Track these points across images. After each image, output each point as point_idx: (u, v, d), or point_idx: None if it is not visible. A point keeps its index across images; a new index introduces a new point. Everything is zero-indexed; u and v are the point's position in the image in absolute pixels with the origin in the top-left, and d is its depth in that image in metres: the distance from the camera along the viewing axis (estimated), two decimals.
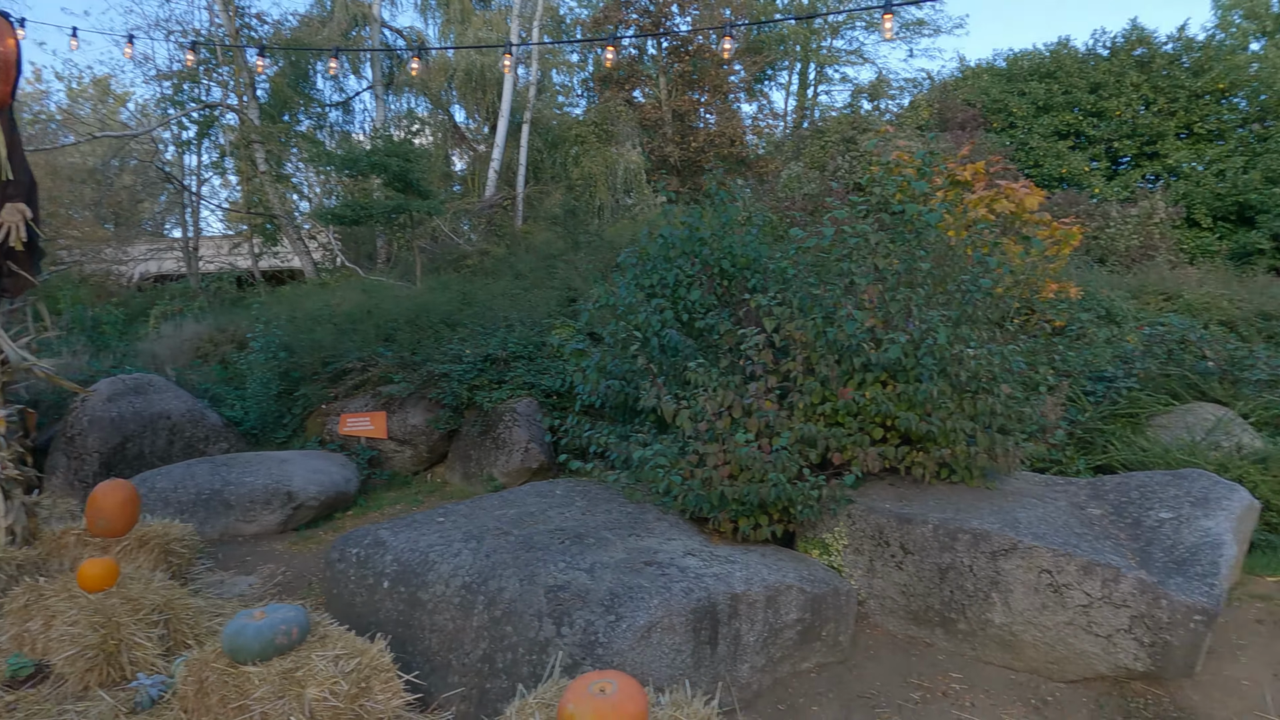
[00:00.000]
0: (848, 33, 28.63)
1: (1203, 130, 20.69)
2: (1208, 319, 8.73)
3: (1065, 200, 16.27)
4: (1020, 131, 21.45)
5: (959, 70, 25.49)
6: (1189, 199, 19.91)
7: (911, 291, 4.83)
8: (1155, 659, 3.65)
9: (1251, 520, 4.70)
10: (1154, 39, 21.76)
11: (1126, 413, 6.44)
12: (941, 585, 4.12)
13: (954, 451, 4.64)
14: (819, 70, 28.04)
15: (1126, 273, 13.23)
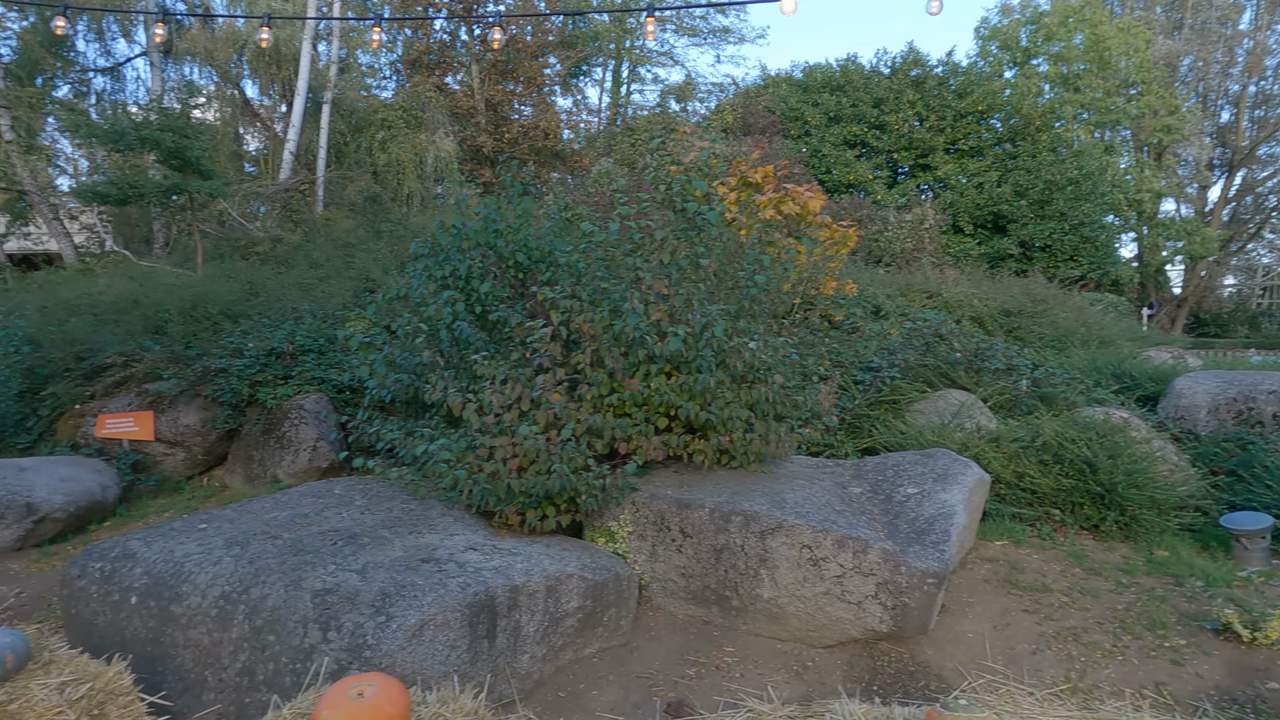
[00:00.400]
0: (659, 34, 29.39)
1: (966, 147, 23.15)
2: (961, 315, 9.82)
3: (851, 205, 17.64)
4: (814, 139, 22.99)
5: (761, 78, 26.95)
6: (955, 208, 22.24)
7: (694, 286, 5.05)
8: (896, 620, 4.05)
9: (983, 492, 5.33)
10: (927, 62, 24.06)
11: (890, 399, 7.10)
12: (717, 565, 4.35)
13: (732, 438, 4.91)
14: (632, 69, 28.61)
15: (899, 273, 14.50)
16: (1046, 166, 22.06)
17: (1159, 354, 9.36)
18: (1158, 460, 5.99)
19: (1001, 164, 22.83)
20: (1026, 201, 21.67)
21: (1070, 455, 5.82)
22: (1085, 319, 10.71)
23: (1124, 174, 27.00)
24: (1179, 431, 6.83)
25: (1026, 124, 23.24)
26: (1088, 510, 5.72)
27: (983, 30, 28.09)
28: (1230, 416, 6.71)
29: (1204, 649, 4.09)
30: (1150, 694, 3.80)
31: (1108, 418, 6.29)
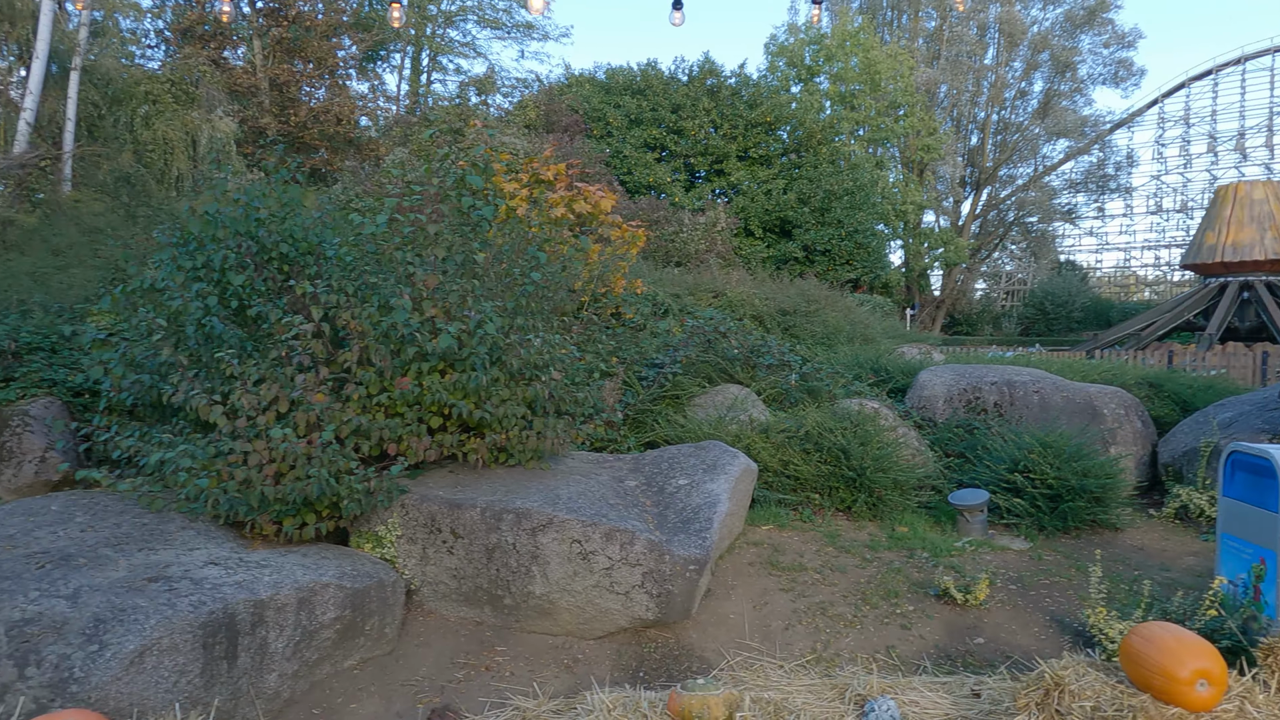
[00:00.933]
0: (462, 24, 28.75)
1: (757, 155, 24.56)
2: (743, 313, 10.39)
3: (649, 206, 18.15)
4: (616, 140, 23.44)
5: (565, 77, 27.11)
6: (746, 212, 23.54)
7: (470, 283, 4.96)
8: (662, 607, 4.21)
9: (750, 481, 5.65)
10: (721, 72, 25.27)
11: (672, 395, 7.37)
12: (489, 564, 4.31)
13: (509, 436, 4.88)
14: (433, 57, 27.77)
15: (689, 272, 15.09)
16: (826, 177, 23.90)
17: (911, 350, 10.42)
18: (902, 446, 6.65)
19: (788, 173, 24.49)
20: (809, 209, 23.37)
21: (828, 444, 6.32)
22: (852, 318, 11.71)
23: (892, 187, 29.87)
24: (921, 419, 7.63)
25: (809, 137, 25.05)
26: (842, 493, 6.24)
27: (772, 46, 29.96)
28: (962, 405, 7.58)
29: (927, 613, 4.59)
30: (882, 657, 4.20)
31: (862, 408, 6.90)
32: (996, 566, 5.25)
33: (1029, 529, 5.98)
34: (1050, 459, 6.07)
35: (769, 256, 23.40)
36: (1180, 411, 8.29)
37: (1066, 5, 34.66)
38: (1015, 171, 37.53)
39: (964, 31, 34.35)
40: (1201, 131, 50.05)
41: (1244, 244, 21.13)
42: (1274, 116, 48.87)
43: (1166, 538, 6.10)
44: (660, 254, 17.40)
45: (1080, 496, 5.92)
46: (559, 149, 18.86)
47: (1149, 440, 7.48)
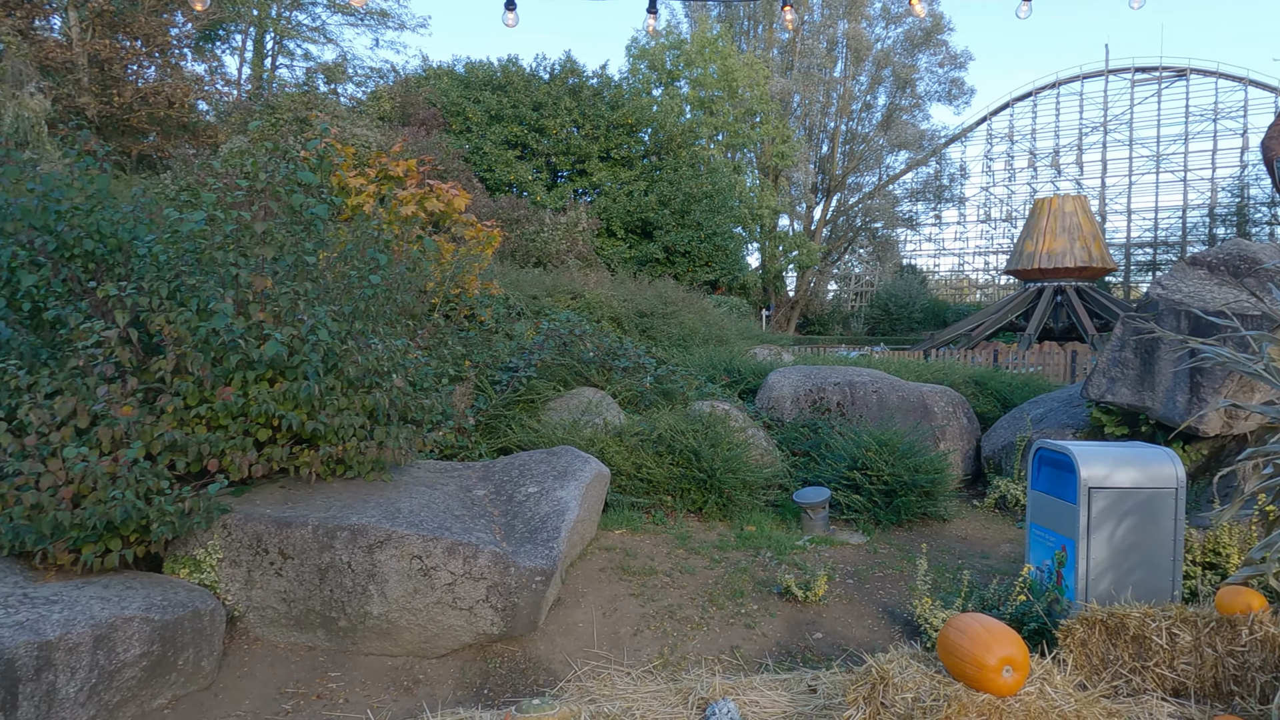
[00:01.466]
0: (311, 8, 27.30)
1: (618, 156, 24.70)
2: (600, 315, 10.39)
3: (509, 205, 17.88)
4: (475, 137, 22.94)
5: (422, 69, 26.30)
6: (608, 213, 23.64)
7: (301, 285, 4.67)
8: (507, 621, 4.11)
9: (603, 486, 5.63)
10: (583, 72, 25.25)
11: (527, 399, 7.25)
12: (322, 586, 4.06)
13: (346, 447, 4.62)
14: (279, 41, 26.21)
15: (548, 273, 14.97)
16: (686, 180, 24.36)
17: (762, 351, 10.78)
18: (751, 446, 6.83)
19: (649, 175, 24.79)
20: (669, 211, 23.75)
21: (680, 446, 6.40)
22: (708, 320, 11.97)
23: (749, 191, 30.87)
24: (770, 420, 7.87)
25: (670, 140, 25.46)
26: (694, 495, 6.34)
27: (633, 49, 30.25)
28: (808, 405, 7.89)
29: (771, 611, 4.72)
30: (726, 658, 4.27)
31: (713, 410, 7.04)
32: (835, 562, 5.47)
33: (866, 524, 6.29)
34: (886, 457, 6.41)
35: (631, 257, 23.60)
36: (1001, 407, 8.98)
37: (906, 25, 37.01)
38: (862, 180, 39.75)
39: (815, 45, 36.00)
40: (1023, 148, 54.84)
41: (1057, 252, 23.28)
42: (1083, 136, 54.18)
43: (987, 526, 6.58)
44: (521, 254, 17.17)
45: (912, 491, 6.28)
46: (415, 143, 18.25)
47: (974, 435, 8.06)
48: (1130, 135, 54.04)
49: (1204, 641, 3.48)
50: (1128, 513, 4.24)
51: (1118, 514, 4.24)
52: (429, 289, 8.34)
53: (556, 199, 22.70)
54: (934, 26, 36.15)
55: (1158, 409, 6.18)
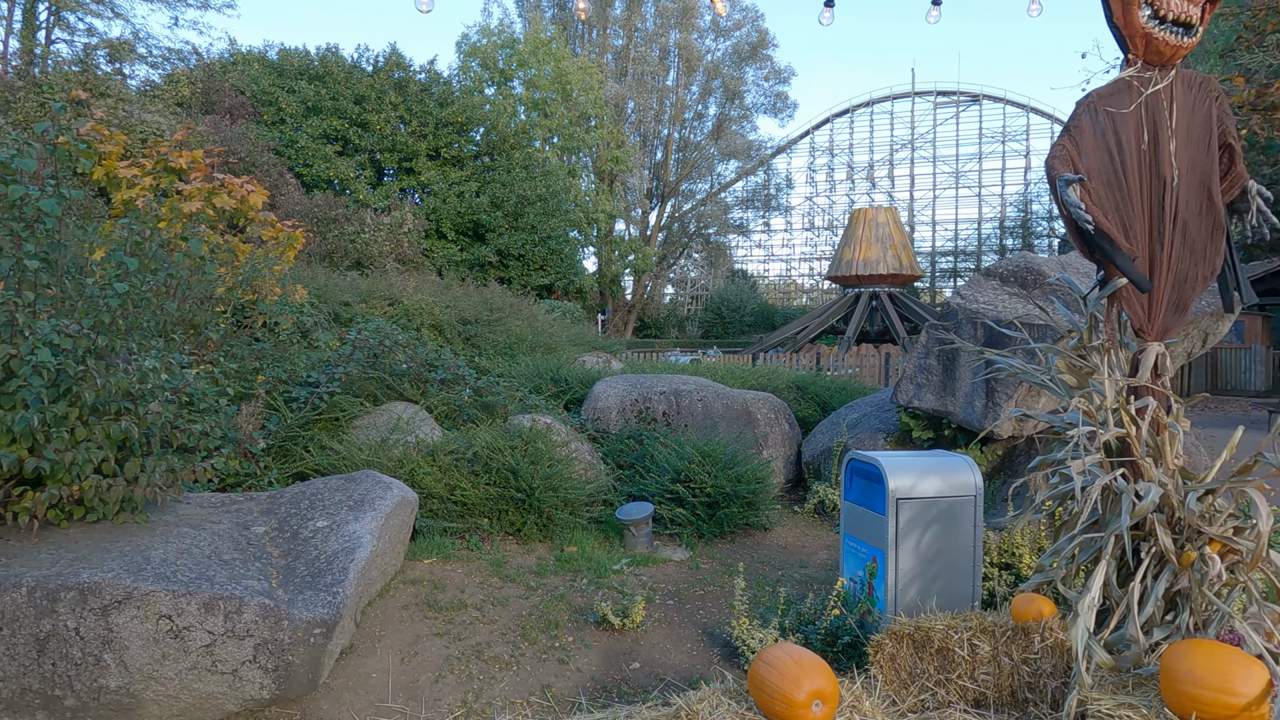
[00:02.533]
0: None
1: (449, 155, 23.81)
2: (421, 323, 9.78)
3: (325, 203, 16.71)
4: (290, 129, 21.37)
5: (230, 53, 24.22)
6: (438, 214, 22.73)
7: (24, 295, 3.89)
8: (280, 682, 3.57)
9: (408, 513, 5.15)
10: (410, 66, 24.15)
11: (330, 417, 6.60)
12: (42, 659, 3.35)
13: (83, 486, 3.90)
14: (55, 12, 23.25)
15: (364, 277, 14.11)
16: (520, 182, 23.87)
17: (591, 359, 10.56)
18: (574, 462, 6.55)
19: (481, 176, 24.07)
20: (502, 213, 23.17)
21: (497, 464, 6.01)
22: (537, 326, 11.61)
23: (585, 195, 30.77)
24: (596, 431, 7.64)
25: (503, 140, 24.87)
26: (512, 516, 5.97)
27: (464, 46, 29.35)
28: (634, 415, 7.72)
29: (586, 642, 4.44)
30: (537, 699, 3.95)
31: (534, 424, 6.70)
32: (657, 581, 5.29)
33: (690, 537, 6.17)
34: (709, 468, 6.32)
35: (462, 260, 22.82)
36: (821, 411, 9.23)
37: (735, 39, 38.31)
38: (696, 187, 40.75)
39: (648, 53, 36.51)
40: (843, 161, 58.52)
41: (872, 259, 24.79)
42: (894, 152, 58.50)
43: (807, 533, 6.64)
44: (339, 256, 16.08)
45: (735, 502, 6.23)
46: (217, 133, 16.68)
47: (795, 441, 8.19)
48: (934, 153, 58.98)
49: (1001, 650, 3.53)
50: (932, 521, 4.31)
51: (923, 523, 4.29)
52: (219, 294, 7.47)
53: (381, 198, 21.53)
54: (759, 41, 37.64)
55: (959, 414, 6.47)
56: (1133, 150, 3.49)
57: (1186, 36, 3.48)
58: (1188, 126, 3.56)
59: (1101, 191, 3.46)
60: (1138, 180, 3.51)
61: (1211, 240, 3.58)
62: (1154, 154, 3.52)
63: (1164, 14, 3.40)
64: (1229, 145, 3.61)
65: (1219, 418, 14.88)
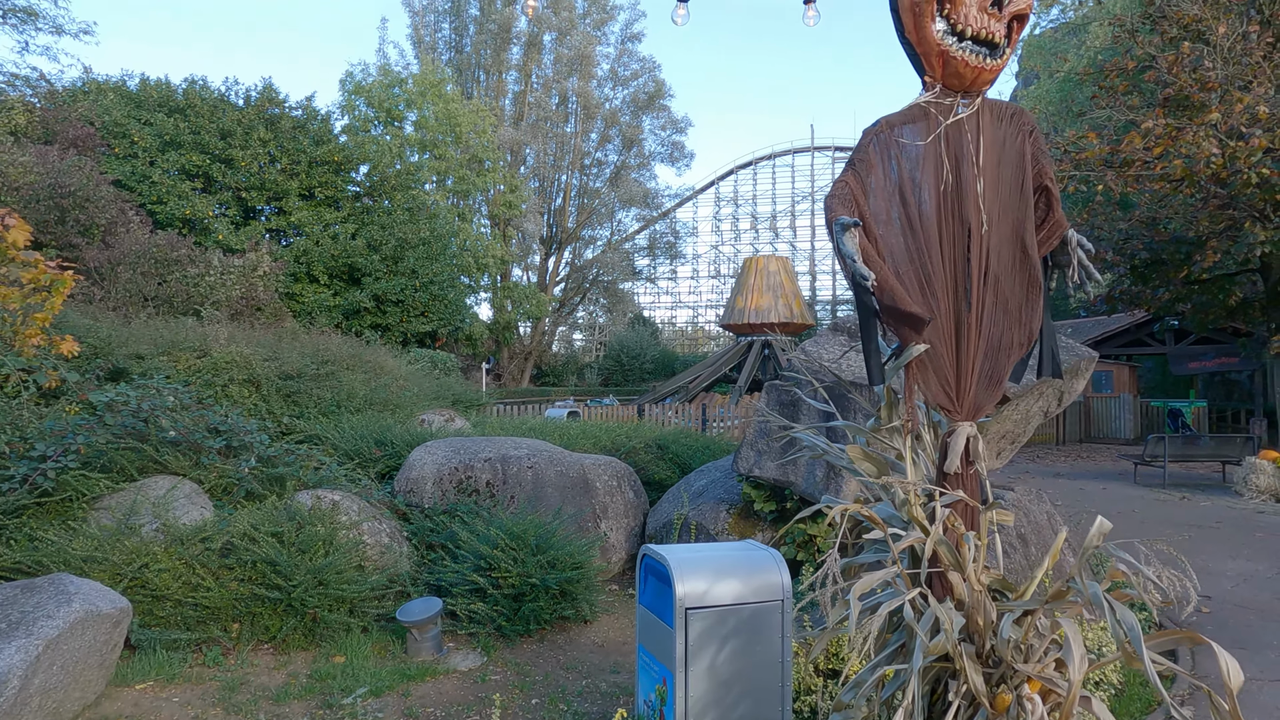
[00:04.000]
0: None
1: (323, 196, 22.54)
2: (229, 378, 8.63)
3: (168, 243, 15.29)
4: (143, 163, 19.78)
5: (83, 81, 22.48)
6: (309, 256, 21.37)
7: None
8: None
9: (107, 628, 4.09)
10: (285, 102, 22.91)
11: (60, 498, 5.43)
12: None
13: None
14: None
15: (173, 326, 12.82)
16: (400, 225, 22.77)
17: (434, 417, 9.58)
18: (361, 547, 5.57)
19: (359, 217, 22.87)
20: (380, 256, 21.99)
21: (252, 556, 4.98)
22: (383, 379, 10.55)
23: (476, 240, 29.81)
24: (407, 505, 6.67)
25: (383, 181, 23.78)
26: (267, 620, 4.94)
27: (348, 84, 28.27)
28: (453, 486, 6.78)
29: None
30: None
31: (317, 502, 5.70)
32: (422, 706, 4.33)
33: (488, 638, 5.25)
34: (516, 553, 5.44)
35: (335, 306, 21.46)
36: (680, 473, 8.50)
37: (632, 88, 38.42)
38: (596, 233, 40.35)
39: (545, 99, 36.17)
40: (747, 211, 59.58)
41: (764, 308, 24.64)
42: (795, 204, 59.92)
43: (633, 624, 5.81)
44: (180, 300, 14.64)
45: (544, 594, 5.35)
46: (43, 164, 15.12)
47: (641, 510, 7.41)
48: None
49: None
50: (730, 635, 3.55)
51: (719, 637, 3.53)
52: None
53: (244, 239, 20.05)
54: (656, 91, 37.86)
55: (800, 484, 5.82)
56: (932, 190, 2.88)
57: (991, 57, 2.93)
58: (998, 164, 2.99)
59: (892, 239, 2.83)
60: (938, 227, 2.90)
61: (1027, 299, 3.00)
62: (958, 196, 2.92)
63: (962, 29, 2.84)
64: (1045, 188, 3.06)
65: (1090, 470, 14.96)
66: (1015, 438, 7.24)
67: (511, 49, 36.84)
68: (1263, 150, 9.17)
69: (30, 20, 23.21)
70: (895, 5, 2.90)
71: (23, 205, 14.59)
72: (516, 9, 35.46)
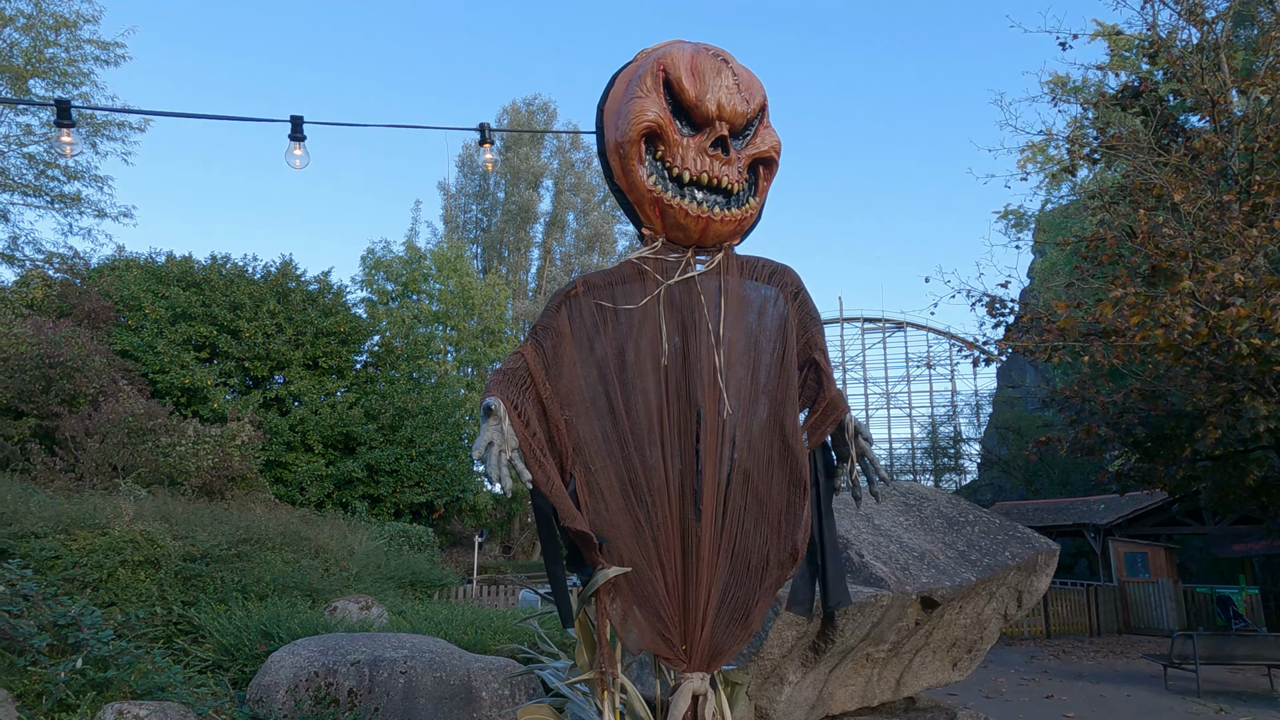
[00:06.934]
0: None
1: (326, 365, 22.78)
2: (127, 558, 8.01)
3: (146, 412, 15.23)
4: (149, 334, 20.30)
5: (112, 258, 23.71)
6: (304, 425, 21.27)
7: None
8: None
9: None
10: (301, 276, 23.75)
11: None
12: None
13: None
14: None
15: (175, 497, 12.37)
16: (401, 394, 22.75)
17: (351, 604, 8.75)
18: None
19: (361, 386, 22.95)
20: (376, 425, 21.80)
21: None
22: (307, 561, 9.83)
23: None
24: (253, 717, 5.78)
25: (388, 352, 24.07)
26: None
27: (369, 260, 29.47)
28: (309, 695, 5.90)
29: None
30: None
31: (119, 717, 4.89)
32: None
33: None
34: None
35: (328, 475, 21.08)
36: None
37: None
38: None
39: (564, 274, 37.39)
40: None
41: None
42: None
43: None
44: (147, 471, 14.35)
45: None
46: (38, 334, 15.49)
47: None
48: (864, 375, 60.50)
49: None
50: None
51: None
52: None
53: (243, 407, 20.06)
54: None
55: None
56: (648, 367, 2.28)
57: (727, 206, 2.41)
58: (747, 334, 2.41)
59: (586, 428, 2.20)
60: (659, 412, 2.27)
61: (789, 504, 2.30)
62: (684, 374, 2.31)
63: (678, 173, 2.34)
64: (814, 361, 2.44)
65: (1119, 670, 13.19)
66: (971, 645, 6.21)
67: (534, 227, 38.56)
68: (1245, 318, 8.52)
69: (75, 205, 24.93)
70: (602, 148, 2.44)
71: (9, 374, 14.80)
72: (539, 191, 37.44)
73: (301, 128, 9.25)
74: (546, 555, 2.15)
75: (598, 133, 2.41)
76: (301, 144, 9.29)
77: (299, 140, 9.30)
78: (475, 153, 39.78)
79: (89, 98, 24.65)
